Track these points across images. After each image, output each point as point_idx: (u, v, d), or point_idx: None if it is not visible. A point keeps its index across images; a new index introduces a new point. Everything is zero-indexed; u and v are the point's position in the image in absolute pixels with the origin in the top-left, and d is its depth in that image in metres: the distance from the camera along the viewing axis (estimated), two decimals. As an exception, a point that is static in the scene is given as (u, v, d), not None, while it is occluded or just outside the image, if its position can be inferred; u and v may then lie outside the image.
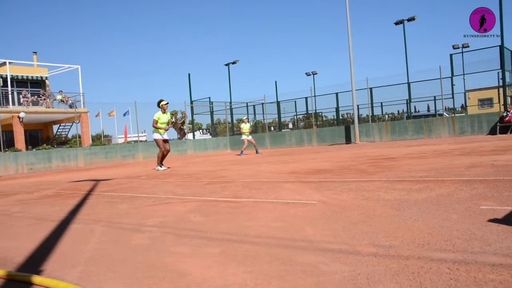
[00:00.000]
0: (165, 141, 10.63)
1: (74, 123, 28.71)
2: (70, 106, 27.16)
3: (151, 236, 2.95)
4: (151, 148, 21.60)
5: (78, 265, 2.35)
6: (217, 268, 2.08)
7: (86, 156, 18.96)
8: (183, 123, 36.30)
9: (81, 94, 28.03)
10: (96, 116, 35.03)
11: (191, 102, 27.60)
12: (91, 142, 26.96)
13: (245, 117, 17.73)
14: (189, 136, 31.56)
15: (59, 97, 27.42)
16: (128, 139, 37.32)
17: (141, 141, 29.66)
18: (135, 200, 5.00)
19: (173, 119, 10.31)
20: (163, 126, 10.50)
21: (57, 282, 2.02)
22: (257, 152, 17.11)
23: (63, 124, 30.89)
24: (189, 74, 27.94)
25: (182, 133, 41.30)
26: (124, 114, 34.65)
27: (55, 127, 32.06)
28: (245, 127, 17.05)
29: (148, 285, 1.93)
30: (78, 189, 6.94)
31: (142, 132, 40.21)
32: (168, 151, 10.65)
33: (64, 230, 3.43)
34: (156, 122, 10.42)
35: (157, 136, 10.54)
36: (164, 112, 10.51)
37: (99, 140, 36.47)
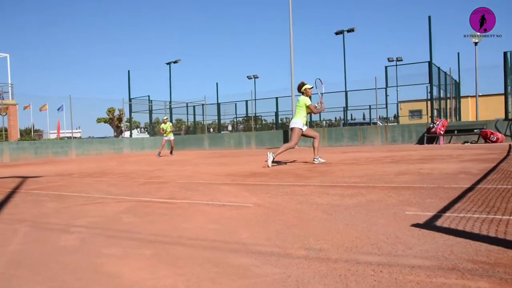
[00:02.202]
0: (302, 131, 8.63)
1: (0, 116, 27.05)
2: (-3, 98, 25.55)
3: (80, 237, 2.84)
4: (85, 145, 20.81)
5: (-1, 267, 2.22)
6: (148, 270, 2.05)
7: (12, 151, 17.90)
8: (120, 120, 35.26)
9: (10, 85, 26.48)
10: (25, 108, 33.23)
11: (130, 99, 26.92)
12: (19, 136, 25.52)
13: (165, 117, 17.47)
14: (126, 134, 30.73)
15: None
16: (61, 135, 35.66)
17: (75, 137, 28.50)
18: (65, 199, 4.80)
19: None
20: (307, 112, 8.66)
21: (-26, 285, 1.90)
22: (171, 153, 17.20)
23: (-12, 116, 29.00)
24: (128, 71, 27.32)
25: (119, 131, 40.07)
26: (58, 109, 33.08)
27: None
28: (165, 127, 16.89)
29: (74, 288, 1.87)
30: (1, 187, 6.55)
31: (76, 128, 38.58)
32: (314, 136, 8.79)
33: (-15, 230, 3.22)
34: (314, 107, 8.62)
35: (300, 125, 8.51)
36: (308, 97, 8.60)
37: (29, 134, 34.61)
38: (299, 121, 8.54)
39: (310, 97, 8.67)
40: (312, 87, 8.65)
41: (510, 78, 17.11)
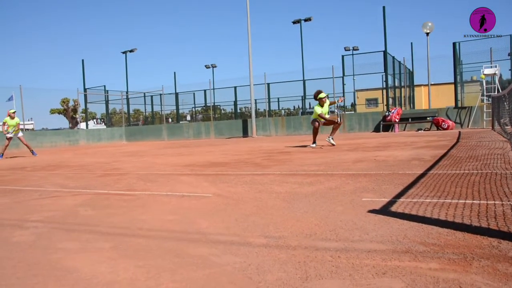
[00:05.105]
0: (324, 122, 10.08)
1: None
2: None
3: (35, 232, 2.76)
4: (39, 137, 20.12)
5: None
6: (107, 264, 2.02)
7: (-41, 145, 17.03)
8: (75, 111, 34.21)
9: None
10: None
11: (85, 89, 26.15)
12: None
13: (12, 111, 12.92)
14: (82, 125, 29.87)
15: None
16: (12, 127, 34.12)
17: (27, 129, 27.49)
18: (18, 193, 4.64)
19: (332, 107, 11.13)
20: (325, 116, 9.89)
21: None
22: (33, 153, 13.13)
23: None
24: (82, 60, 26.44)
25: (74, 122, 38.92)
26: (9, 99, 31.63)
27: None
28: (10, 122, 12.71)
29: (31, 285, 1.82)
30: (-50, 182, 6.24)
31: (28, 120, 37.10)
32: (338, 123, 10.03)
33: None
34: (323, 115, 9.77)
35: (313, 119, 10.07)
36: (322, 105, 9.81)
37: (-24, 127, 33.00)
38: (314, 117, 9.97)
39: (323, 105, 9.80)
40: (326, 95, 9.96)
41: (459, 68, 17.80)
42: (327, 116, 9.89)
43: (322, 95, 9.80)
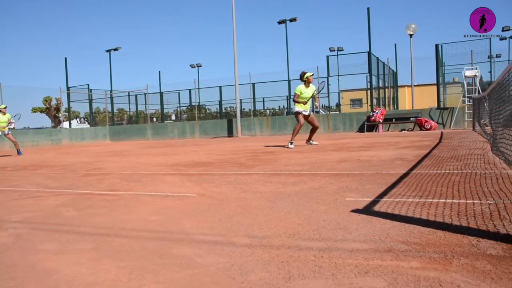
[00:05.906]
0: (306, 116, 9.81)
1: None
2: None
3: (15, 233, 2.72)
4: (20, 136, 19.75)
5: None
6: (88, 265, 2.00)
7: None
8: (58, 110, 33.74)
9: None
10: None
11: (68, 88, 25.84)
12: None
13: (3, 106, 12.60)
14: (65, 124, 29.50)
15: None
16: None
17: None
18: (-2, 193, 4.56)
19: (317, 93, 9.99)
20: (304, 101, 9.65)
21: None
22: (19, 152, 12.73)
23: None
24: (65, 58, 26.09)
25: (57, 121, 38.42)
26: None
27: None
28: (3, 119, 12.41)
29: None
30: None
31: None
32: (316, 126, 10.04)
33: None
34: (298, 96, 9.63)
35: (298, 108, 9.77)
36: (308, 85, 9.68)
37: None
38: (297, 106, 9.78)
39: (308, 85, 9.72)
40: (312, 74, 9.84)
41: (442, 69, 18.05)
42: (304, 100, 9.64)
43: (308, 74, 9.72)
